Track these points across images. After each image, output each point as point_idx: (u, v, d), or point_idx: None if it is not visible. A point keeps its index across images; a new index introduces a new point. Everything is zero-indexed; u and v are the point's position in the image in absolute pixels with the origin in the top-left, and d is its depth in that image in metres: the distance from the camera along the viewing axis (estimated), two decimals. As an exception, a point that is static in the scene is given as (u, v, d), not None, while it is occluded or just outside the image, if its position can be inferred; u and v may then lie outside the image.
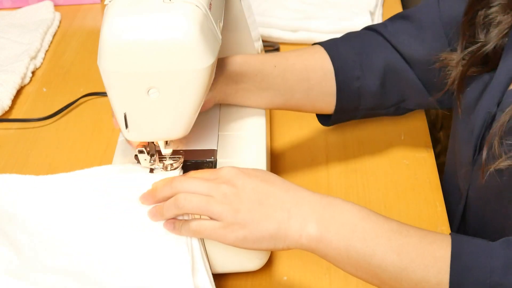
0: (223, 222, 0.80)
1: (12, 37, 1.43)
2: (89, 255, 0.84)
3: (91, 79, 1.33)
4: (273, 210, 0.80)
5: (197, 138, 1.01)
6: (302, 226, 0.79)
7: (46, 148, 1.17)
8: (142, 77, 0.82)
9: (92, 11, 1.56)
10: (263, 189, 0.81)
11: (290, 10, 1.47)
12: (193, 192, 0.82)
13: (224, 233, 0.80)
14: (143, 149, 0.91)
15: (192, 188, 0.83)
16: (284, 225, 0.79)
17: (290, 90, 1.03)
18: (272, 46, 1.40)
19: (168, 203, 0.84)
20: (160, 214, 0.85)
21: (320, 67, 1.04)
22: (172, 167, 0.92)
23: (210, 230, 0.81)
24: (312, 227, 0.78)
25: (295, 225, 0.79)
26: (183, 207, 0.82)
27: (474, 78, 0.96)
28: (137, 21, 0.80)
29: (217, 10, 0.91)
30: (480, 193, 0.93)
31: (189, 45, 0.80)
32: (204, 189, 0.82)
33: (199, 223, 0.82)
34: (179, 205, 0.82)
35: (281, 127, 1.20)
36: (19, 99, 1.29)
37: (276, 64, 1.03)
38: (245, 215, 0.79)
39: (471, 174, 0.95)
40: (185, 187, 0.83)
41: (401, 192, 1.07)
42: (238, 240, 0.80)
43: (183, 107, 0.85)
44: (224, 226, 0.80)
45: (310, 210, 0.79)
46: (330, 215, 0.79)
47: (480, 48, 0.94)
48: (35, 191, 0.90)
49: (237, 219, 0.80)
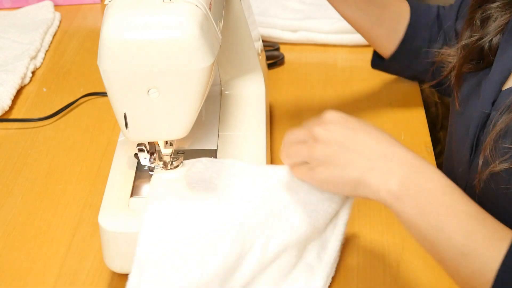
0: (312, 163, 0.82)
1: (12, 37, 1.43)
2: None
3: (91, 79, 1.33)
4: (357, 157, 0.80)
5: (197, 138, 1.01)
6: (385, 179, 0.78)
7: (46, 148, 1.18)
8: (142, 77, 0.82)
9: (92, 11, 1.56)
10: (353, 136, 0.81)
11: (290, 10, 1.47)
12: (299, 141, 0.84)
13: (311, 174, 0.82)
14: (143, 148, 0.91)
15: (297, 136, 0.85)
16: (366, 174, 0.79)
17: (379, 23, 1.17)
18: (272, 46, 1.40)
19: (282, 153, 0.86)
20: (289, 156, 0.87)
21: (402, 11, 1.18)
22: (172, 166, 0.92)
23: (299, 173, 0.84)
24: (394, 183, 0.78)
25: (377, 177, 0.79)
26: (291, 156, 0.85)
27: (470, 75, 0.97)
28: (137, 21, 0.80)
29: (217, 10, 0.91)
30: (475, 194, 0.92)
31: (189, 45, 0.80)
32: (301, 135, 0.84)
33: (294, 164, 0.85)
34: (289, 154, 0.85)
35: (281, 127, 1.20)
36: (19, 99, 1.29)
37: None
38: (330, 158, 0.81)
39: (468, 174, 0.95)
40: (292, 138, 0.85)
41: (401, 192, 1.07)
42: (323, 183, 0.82)
43: (183, 107, 0.85)
44: (311, 167, 0.82)
45: (397, 166, 0.79)
46: (415, 178, 0.78)
47: (476, 41, 0.95)
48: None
49: (322, 163, 0.81)
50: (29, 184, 1.10)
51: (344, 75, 1.34)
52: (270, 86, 1.21)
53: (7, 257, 0.98)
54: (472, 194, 0.94)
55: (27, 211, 1.05)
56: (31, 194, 1.08)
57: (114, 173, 0.96)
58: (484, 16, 0.95)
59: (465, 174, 0.96)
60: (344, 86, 1.31)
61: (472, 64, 0.97)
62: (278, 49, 1.40)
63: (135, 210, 0.90)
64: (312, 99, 1.28)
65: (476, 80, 0.96)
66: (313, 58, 1.40)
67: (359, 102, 1.26)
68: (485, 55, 0.95)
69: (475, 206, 0.78)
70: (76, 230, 1.01)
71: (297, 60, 1.39)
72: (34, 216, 1.04)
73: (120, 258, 0.89)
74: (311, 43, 1.42)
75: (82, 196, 1.07)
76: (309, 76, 1.35)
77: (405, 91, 1.29)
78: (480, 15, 0.96)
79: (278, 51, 1.40)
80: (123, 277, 0.93)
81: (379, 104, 1.25)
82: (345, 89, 1.30)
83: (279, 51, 1.40)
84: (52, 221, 1.03)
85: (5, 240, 1.00)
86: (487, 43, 0.94)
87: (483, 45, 0.94)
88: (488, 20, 0.95)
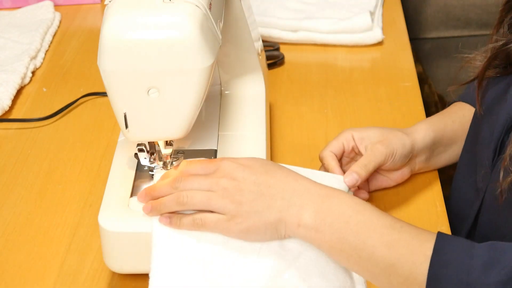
0: (226, 216, 0.81)
1: (12, 37, 1.43)
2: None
3: (91, 79, 1.33)
4: (274, 200, 0.81)
5: (197, 138, 1.01)
6: (300, 214, 0.80)
7: (46, 148, 1.18)
8: (142, 77, 0.82)
9: (92, 11, 1.56)
10: (263, 181, 0.82)
11: (290, 10, 1.47)
12: (194, 188, 0.83)
13: (228, 226, 0.82)
14: (143, 148, 0.91)
15: (194, 186, 0.84)
16: (284, 213, 0.80)
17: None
18: (272, 46, 1.40)
19: (168, 199, 0.84)
20: (158, 209, 0.85)
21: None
22: (172, 166, 0.92)
23: (214, 223, 0.82)
24: (309, 216, 0.80)
25: (294, 213, 0.80)
26: (186, 203, 0.83)
27: (497, 79, 0.97)
28: (137, 21, 0.80)
29: (217, 10, 0.91)
30: (496, 197, 0.92)
31: (189, 45, 0.80)
32: (205, 186, 0.83)
33: (203, 216, 0.83)
34: (182, 201, 0.83)
35: (281, 127, 1.20)
36: (19, 99, 1.29)
37: (454, 118, 1.08)
38: (247, 207, 0.81)
39: (489, 176, 0.95)
40: (187, 186, 0.84)
41: (401, 192, 1.07)
42: (242, 232, 0.82)
43: (183, 107, 0.85)
44: (228, 219, 0.81)
45: (308, 199, 0.81)
46: (327, 206, 0.80)
47: (503, 46, 0.94)
48: None
49: (239, 212, 0.81)
50: (29, 184, 1.10)
51: (344, 75, 1.34)
52: (270, 86, 1.21)
53: (7, 257, 0.98)
54: (492, 198, 0.94)
55: (27, 211, 1.05)
56: (31, 194, 1.08)
57: (114, 173, 0.96)
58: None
59: (487, 177, 0.96)
60: (344, 86, 1.31)
61: (500, 68, 0.96)
62: (278, 49, 1.40)
63: (135, 210, 0.90)
64: (312, 99, 1.27)
65: (504, 84, 0.96)
66: (313, 58, 1.40)
67: (359, 102, 1.26)
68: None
69: (389, 217, 0.80)
70: (76, 230, 1.01)
71: (297, 60, 1.39)
72: (34, 216, 1.04)
73: (120, 258, 0.89)
74: (311, 43, 1.42)
75: (82, 196, 1.07)
76: (309, 76, 1.35)
77: (405, 91, 1.29)
78: (509, 20, 0.95)
79: (278, 51, 1.39)
80: (123, 277, 0.93)
81: (379, 104, 1.25)
82: (345, 89, 1.30)
83: (279, 51, 1.40)
84: (52, 221, 1.03)
85: (5, 240, 1.00)
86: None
87: (510, 50, 0.94)
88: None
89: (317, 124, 1.20)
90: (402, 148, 1.02)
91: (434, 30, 1.93)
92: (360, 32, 1.40)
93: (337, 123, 1.20)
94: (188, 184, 0.84)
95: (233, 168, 0.83)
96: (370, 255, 0.78)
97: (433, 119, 1.08)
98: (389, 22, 1.48)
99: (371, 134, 1.02)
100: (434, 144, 1.06)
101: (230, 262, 0.82)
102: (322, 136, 1.18)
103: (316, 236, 0.80)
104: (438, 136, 1.06)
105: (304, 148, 1.16)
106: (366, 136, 1.02)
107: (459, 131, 1.08)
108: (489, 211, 0.98)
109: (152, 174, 0.93)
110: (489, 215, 0.98)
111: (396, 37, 1.44)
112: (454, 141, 1.08)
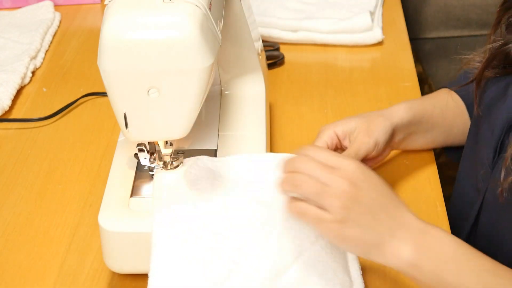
0: (331, 216, 0.78)
1: (12, 37, 1.43)
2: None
3: (91, 79, 1.33)
4: (380, 224, 0.79)
5: (197, 138, 1.01)
6: (399, 247, 0.78)
7: (46, 148, 1.18)
8: (142, 77, 0.82)
9: (92, 11, 1.56)
10: (380, 202, 0.80)
11: (290, 10, 1.47)
12: (312, 175, 0.80)
13: (328, 227, 0.79)
14: (143, 148, 0.91)
15: (312, 171, 0.80)
16: (385, 240, 0.79)
17: (449, 127, 1.08)
18: (272, 46, 1.40)
19: (286, 177, 0.81)
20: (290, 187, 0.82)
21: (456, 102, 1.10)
22: (172, 166, 0.92)
23: (316, 217, 0.79)
24: (408, 250, 0.78)
25: (394, 245, 0.79)
26: (298, 186, 0.80)
27: (496, 79, 0.97)
28: (137, 21, 0.80)
29: (217, 10, 0.91)
30: (497, 196, 0.92)
31: (189, 45, 0.80)
32: (324, 178, 0.79)
33: (307, 206, 0.79)
34: (295, 183, 0.80)
35: (281, 127, 1.20)
36: (19, 99, 1.29)
37: (435, 104, 1.07)
38: (355, 218, 0.78)
39: (489, 176, 0.95)
40: (306, 168, 0.80)
41: (401, 192, 1.07)
42: (338, 238, 0.79)
43: (183, 107, 0.85)
44: (331, 220, 0.78)
45: (408, 233, 0.79)
46: (428, 242, 0.79)
47: (502, 46, 0.93)
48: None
49: (346, 219, 0.78)
50: (29, 184, 1.10)
51: (344, 75, 1.34)
52: (270, 86, 1.21)
53: (7, 257, 0.98)
54: (493, 197, 0.94)
55: (27, 211, 1.05)
56: (31, 194, 1.08)
57: (114, 173, 0.96)
58: (510, 20, 0.94)
59: (487, 177, 0.96)
60: (344, 86, 1.31)
61: (499, 68, 0.96)
62: (278, 49, 1.40)
63: (135, 210, 0.90)
64: (312, 99, 1.27)
65: (503, 84, 0.96)
66: (313, 58, 1.40)
67: (359, 102, 1.26)
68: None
69: (488, 259, 0.79)
70: (76, 230, 1.01)
71: (297, 60, 1.39)
72: (34, 216, 1.04)
73: (120, 258, 0.89)
74: (311, 43, 1.42)
75: (82, 196, 1.07)
76: (309, 76, 1.35)
77: (405, 91, 1.29)
78: (506, 20, 0.94)
79: (278, 51, 1.39)
80: (123, 277, 0.93)
81: (379, 104, 1.25)
82: (345, 89, 1.30)
83: (279, 51, 1.40)
84: (52, 221, 1.03)
85: (5, 240, 1.00)
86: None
87: (509, 51, 0.93)
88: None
89: (317, 124, 1.20)
90: (385, 135, 1.01)
91: (434, 30, 1.93)
92: (360, 32, 1.40)
93: (337, 123, 1.20)
94: (308, 166, 0.80)
95: (358, 174, 0.80)
96: None
97: (414, 102, 1.07)
98: (389, 22, 1.48)
99: (353, 126, 1.01)
100: (411, 125, 1.05)
101: (230, 262, 0.82)
102: (322, 136, 1.18)
103: (413, 271, 0.78)
104: (416, 118, 1.05)
105: (304, 148, 1.16)
106: (348, 130, 1.01)
107: (439, 118, 1.07)
108: (490, 211, 0.98)
109: (152, 174, 0.93)
110: (489, 215, 0.98)
111: (396, 37, 1.44)
112: (432, 126, 1.07)
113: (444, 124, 1.09)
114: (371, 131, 1.01)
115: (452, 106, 1.08)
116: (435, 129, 1.08)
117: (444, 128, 1.09)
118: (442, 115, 1.08)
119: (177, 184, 0.90)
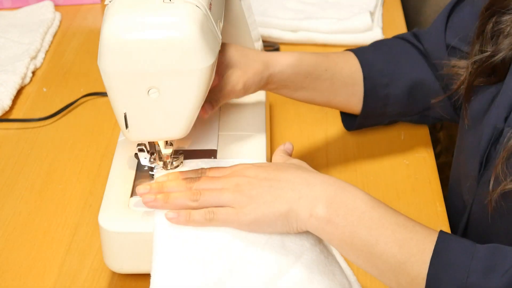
0: (236, 208, 0.82)
1: (12, 37, 1.43)
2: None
3: (91, 79, 1.33)
4: (284, 191, 0.81)
5: (197, 138, 1.01)
6: (312, 205, 0.80)
7: (46, 148, 1.18)
8: (142, 77, 0.82)
9: (92, 11, 1.56)
10: (274, 176, 0.83)
11: (290, 10, 1.47)
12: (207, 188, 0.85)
13: (238, 218, 0.82)
14: (143, 148, 0.91)
15: (208, 186, 0.85)
16: (295, 204, 0.80)
17: (334, 93, 1.07)
18: (272, 46, 1.40)
19: (180, 194, 0.85)
20: (165, 202, 0.85)
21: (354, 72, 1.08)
22: (172, 166, 0.92)
23: (224, 215, 0.82)
24: (321, 208, 0.79)
25: (305, 204, 0.80)
26: (198, 199, 0.84)
27: (482, 89, 0.96)
28: (137, 21, 0.80)
29: (217, 10, 0.91)
30: (484, 209, 0.92)
31: (189, 45, 0.80)
32: (218, 185, 0.84)
33: (214, 209, 0.83)
34: (195, 198, 0.84)
35: (281, 127, 1.20)
36: (19, 99, 1.29)
37: (327, 68, 1.05)
38: (257, 198, 0.81)
39: (475, 189, 0.94)
40: (200, 186, 0.85)
41: (401, 192, 1.07)
42: (252, 223, 0.82)
43: (183, 107, 0.85)
44: (237, 212, 0.82)
45: (321, 191, 0.80)
46: (341, 199, 0.80)
47: (489, 59, 0.93)
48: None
49: (249, 203, 0.81)
50: (29, 184, 1.10)
51: (344, 75, 1.34)
52: (270, 86, 1.21)
53: (7, 257, 0.98)
54: (480, 210, 0.94)
55: (27, 211, 1.05)
56: (31, 194, 1.08)
57: (114, 173, 0.96)
58: (495, 29, 0.93)
59: (472, 189, 0.95)
60: (344, 86, 1.30)
61: (484, 78, 0.95)
62: (278, 49, 1.40)
63: (135, 210, 0.90)
64: (312, 99, 1.27)
65: (488, 94, 0.94)
66: (313, 58, 1.40)
67: (359, 102, 1.26)
68: (497, 69, 0.93)
69: (402, 216, 0.80)
70: (76, 230, 1.01)
71: (297, 60, 1.39)
72: (34, 216, 1.04)
73: (120, 258, 0.89)
74: (311, 43, 1.42)
75: (82, 196, 1.07)
76: (309, 76, 1.34)
77: (405, 91, 1.28)
78: (491, 28, 0.93)
79: (278, 51, 1.39)
80: (123, 277, 0.93)
81: (379, 104, 1.25)
82: (345, 89, 1.30)
83: (279, 51, 1.40)
84: (52, 221, 1.03)
85: (5, 240, 1.00)
86: (499, 60, 0.92)
87: (496, 63, 0.92)
88: (500, 35, 0.92)
89: (317, 124, 1.20)
90: (258, 84, 0.99)
91: (434, 30, 1.93)
92: (360, 32, 1.40)
93: (337, 123, 1.20)
94: (202, 184, 0.85)
95: (245, 167, 0.85)
96: (381, 252, 0.77)
97: (307, 57, 1.04)
98: (389, 22, 1.48)
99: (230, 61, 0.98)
100: (288, 81, 1.03)
101: (231, 262, 0.82)
102: (322, 136, 1.18)
103: (328, 227, 0.79)
104: (298, 77, 1.03)
105: (304, 148, 1.16)
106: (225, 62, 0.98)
107: (326, 82, 1.05)
108: (476, 226, 0.97)
109: (152, 174, 0.93)
110: (477, 227, 0.97)
111: (396, 37, 1.44)
112: (313, 88, 1.05)
113: (329, 89, 1.06)
114: (246, 77, 0.98)
115: (346, 73, 1.07)
116: (316, 91, 1.06)
117: (327, 93, 1.07)
118: (331, 80, 1.06)
119: None
